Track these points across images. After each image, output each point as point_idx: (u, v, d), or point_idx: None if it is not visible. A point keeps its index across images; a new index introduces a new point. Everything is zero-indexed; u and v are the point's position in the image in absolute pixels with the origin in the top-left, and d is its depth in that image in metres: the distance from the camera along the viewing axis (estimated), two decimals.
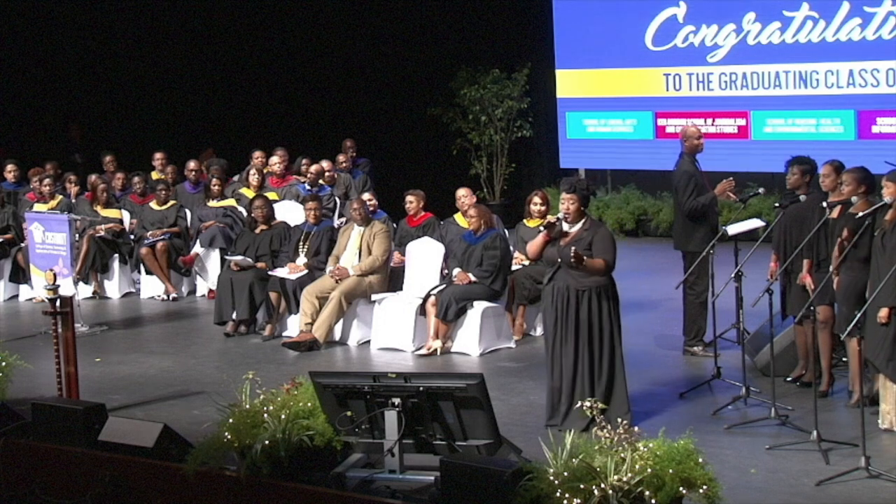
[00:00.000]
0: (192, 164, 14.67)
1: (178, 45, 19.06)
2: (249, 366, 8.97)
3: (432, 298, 10.51)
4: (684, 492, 5.62)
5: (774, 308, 8.43)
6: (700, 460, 5.75)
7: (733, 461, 7.32)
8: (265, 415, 6.61)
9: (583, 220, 8.15)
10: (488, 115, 17.83)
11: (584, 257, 7.93)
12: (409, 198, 12.00)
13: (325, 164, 14.44)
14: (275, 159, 14.71)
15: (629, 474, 5.54)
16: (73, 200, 13.93)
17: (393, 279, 11.28)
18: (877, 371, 7.83)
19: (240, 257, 11.82)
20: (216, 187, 13.85)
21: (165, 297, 13.39)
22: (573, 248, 7.92)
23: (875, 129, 14.92)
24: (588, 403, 5.97)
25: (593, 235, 8.07)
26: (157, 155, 15.56)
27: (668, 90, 16.46)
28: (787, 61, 15.47)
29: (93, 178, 14.37)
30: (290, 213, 13.10)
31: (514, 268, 10.87)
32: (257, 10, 19.06)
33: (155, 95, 19.03)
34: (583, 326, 7.99)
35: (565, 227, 8.14)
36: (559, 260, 8.06)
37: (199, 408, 8.80)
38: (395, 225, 12.30)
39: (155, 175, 15.22)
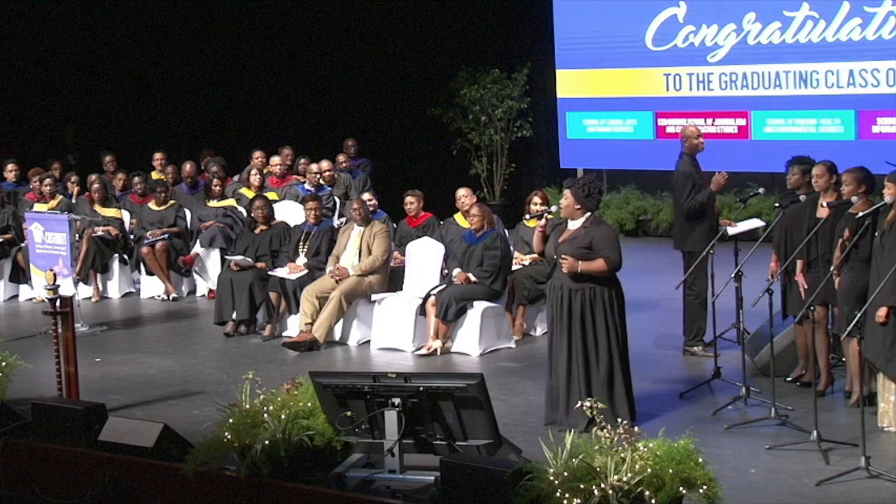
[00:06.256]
0: (187, 167, 14.67)
1: (178, 45, 19.07)
2: (249, 366, 8.96)
3: (432, 298, 10.51)
4: (684, 492, 5.61)
5: (774, 308, 8.42)
6: (700, 460, 5.74)
7: (733, 461, 7.32)
8: (265, 415, 6.61)
9: (584, 218, 8.07)
10: (488, 115, 17.84)
11: (579, 265, 7.83)
12: (409, 198, 12.00)
13: (324, 164, 14.44)
14: (276, 160, 14.71)
15: (629, 474, 5.54)
16: (74, 201, 13.94)
17: (393, 279, 11.28)
18: (877, 371, 7.83)
19: (240, 257, 11.82)
20: (216, 187, 13.85)
21: (165, 297, 13.39)
22: (565, 260, 7.86)
23: (875, 129, 14.93)
24: (588, 403, 5.97)
25: (593, 234, 7.95)
26: (157, 155, 15.57)
27: (668, 90, 16.47)
28: (787, 61, 15.48)
29: (92, 177, 14.37)
30: (290, 213, 13.10)
31: (514, 268, 10.87)
32: (257, 10, 19.07)
33: (155, 95, 19.05)
34: (575, 325, 7.94)
35: (570, 224, 8.11)
36: (555, 257, 8.05)
37: (199, 408, 8.80)
38: (395, 225, 12.31)
39: (155, 175, 15.22)
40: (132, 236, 13.87)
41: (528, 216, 10.67)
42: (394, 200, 12.97)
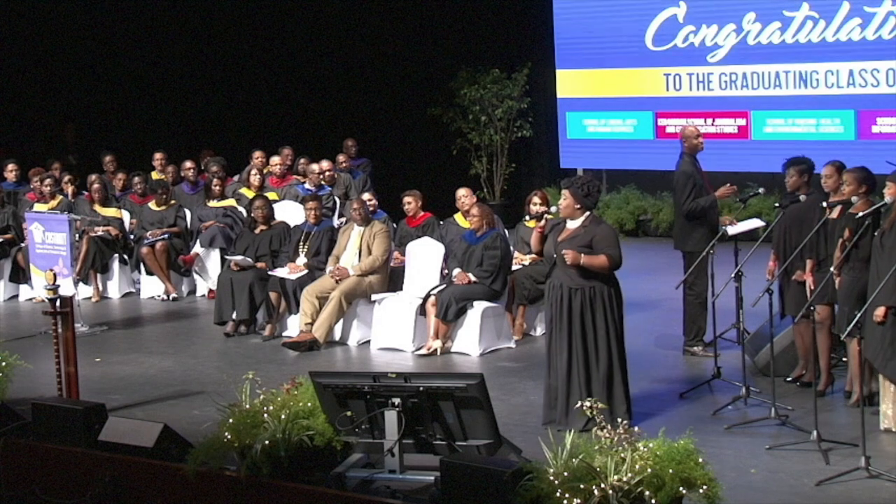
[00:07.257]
0: (188, 164, 14.68)
1: (178, 45, 19.07)
2: (249, 366, 8.96)
3: (432, 298, 10.51)
4: (684, 492, 5.61)
5: (774, 308, 8.42)
6: (700, 460, 5.74)
7: (733, 461, 7.32)
8: (265, 415, 6.61)
9: (583, 217, 8.08)
10: (488, 115, 17.84)
11: (581, 257, 7.86)
12: (406, 199, 12.01)
13: (324, 164, 14.44)
14: (276, 159, 14.72)
15: (629, 474, 5.53)
16: (73, 200, 13.93)
17: (393, 279, 11.28)
18: (877, 370, 7.83)
19: (240, 257, 11.81)
20: (216, 187, 13.86)
21: (165, 297, 13.39)
22: (568, 251, 7.89)
23: (875, 129, 14.93)
24: (588, 403, 5.96)
25: (593, 233, 7.97)
26: (157, 155, 15.56)
27: (668, 90, 16.47)
28: (787, 61, 15.48)
29: (92, 177, 14.38)
30: (290, 213, 13.10)
31: (514, 268, 10.87)
32: (257, 10, 19.07)
33: (155, 95, 19.04)
34: (575, 324, 7.95)
35: (569, 223, 8.12)
36: (555, 256, 8.05)
37: (199, 408, 8.80)
38: (394, 225, 12.31)
39: (155, 175, 15.21)
40: (132, 236, 13.87)
41: (527, 217, 10.68)
42: (394, 200, 12.96)
